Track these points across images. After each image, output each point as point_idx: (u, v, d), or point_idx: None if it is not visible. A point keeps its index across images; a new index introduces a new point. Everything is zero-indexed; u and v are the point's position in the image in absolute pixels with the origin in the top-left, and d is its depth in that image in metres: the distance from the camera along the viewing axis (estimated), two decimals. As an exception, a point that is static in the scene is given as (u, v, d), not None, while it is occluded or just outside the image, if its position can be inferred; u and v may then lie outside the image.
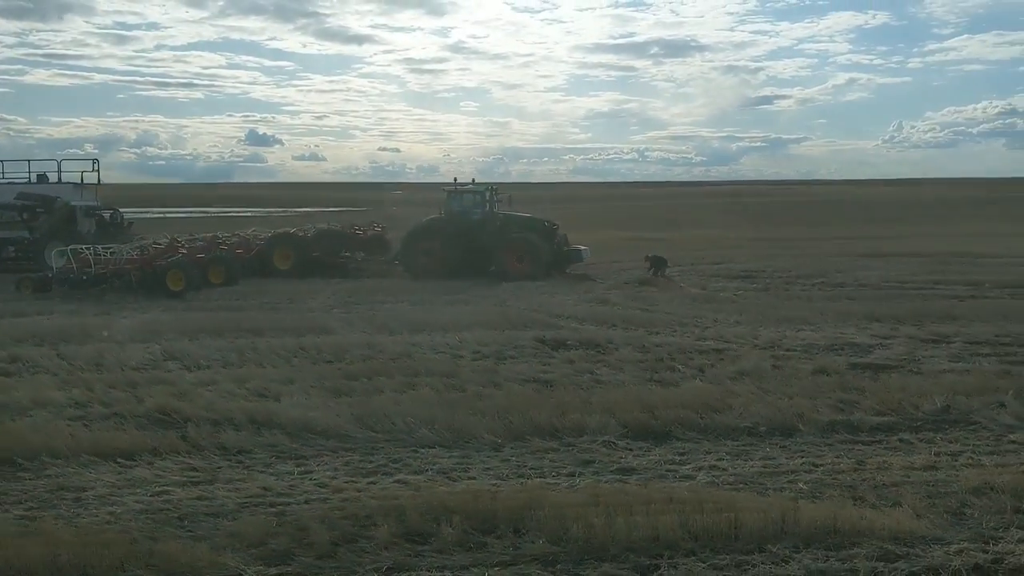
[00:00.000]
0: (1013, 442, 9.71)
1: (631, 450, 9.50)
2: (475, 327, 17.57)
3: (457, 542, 6.93)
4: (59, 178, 33.35)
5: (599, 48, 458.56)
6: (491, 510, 7.35)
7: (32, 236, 31.40)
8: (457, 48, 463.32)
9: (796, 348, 15.12)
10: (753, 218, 64.41)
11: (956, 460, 9.06)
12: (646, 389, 12.03)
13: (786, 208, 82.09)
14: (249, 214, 78.01)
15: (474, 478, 8.72)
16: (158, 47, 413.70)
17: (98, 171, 33.88)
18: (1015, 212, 65.02)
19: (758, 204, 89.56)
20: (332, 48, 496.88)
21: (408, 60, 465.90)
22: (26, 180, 33.24)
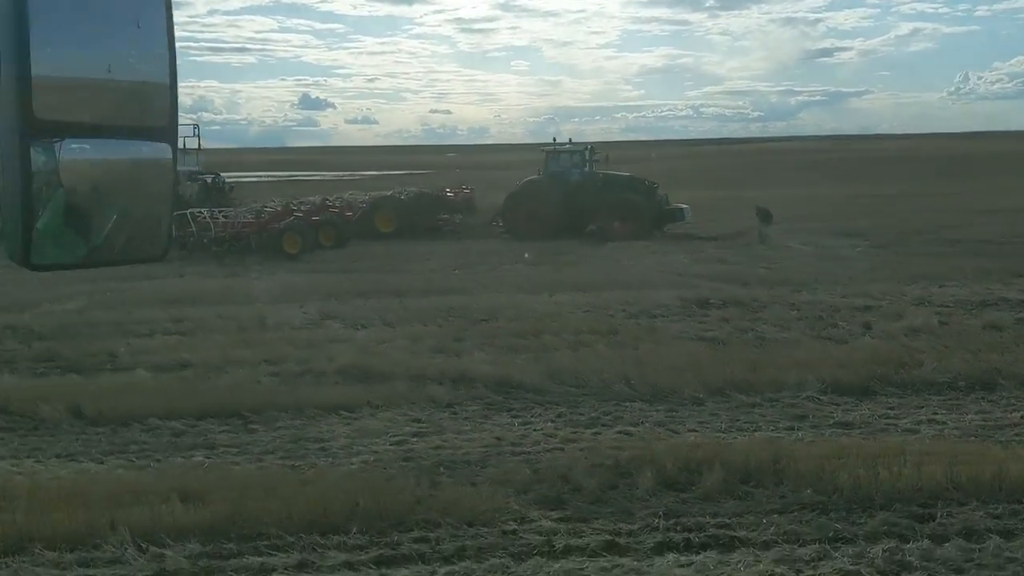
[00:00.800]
0: None
1: (838, 405, 9.65)
2: (607, 287, 17.76)
3: (721, 490, 7.17)
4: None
5: (653, 2, 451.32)
6: (742, 461, 7.58)
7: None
8: (507, 6, 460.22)
9: (949, 304, 15.06)
10: (832, 175, 63.26)
11: None
12: (820, 346, 12.14)
13: (858, 164, 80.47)
14: (316, 178, 78.87)
15: (695, 430, 8.97)
16: (211, 12, 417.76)
17: (199, 136, 34.60)
18: None
19: (826, 160, 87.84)
20: (382, 9, 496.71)
21: (458, 20, 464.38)
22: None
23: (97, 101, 1.09)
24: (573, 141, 31.19)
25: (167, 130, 1.17)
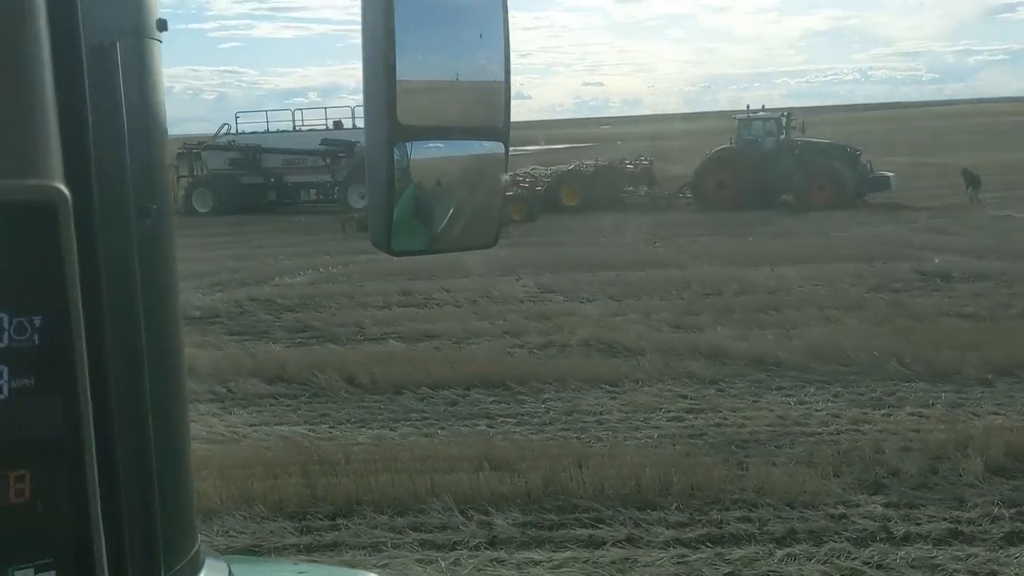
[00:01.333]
0: None
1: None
2: (828, 259, 17.13)
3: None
4: (352, 124, 35.32)
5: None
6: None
7: (334, 179, 33.60)
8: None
9: None
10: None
11: None
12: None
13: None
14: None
15: (996, 413, 8.46)
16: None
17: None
18: None
19: (1014, 124, 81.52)
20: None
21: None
22: (323, 127, 35.50)
23: (446, 106, 1.23)
24: (765, 108, 30.15)
25: (501, 130, 1.27)
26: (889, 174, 27.76)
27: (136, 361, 0.95)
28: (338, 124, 35.52)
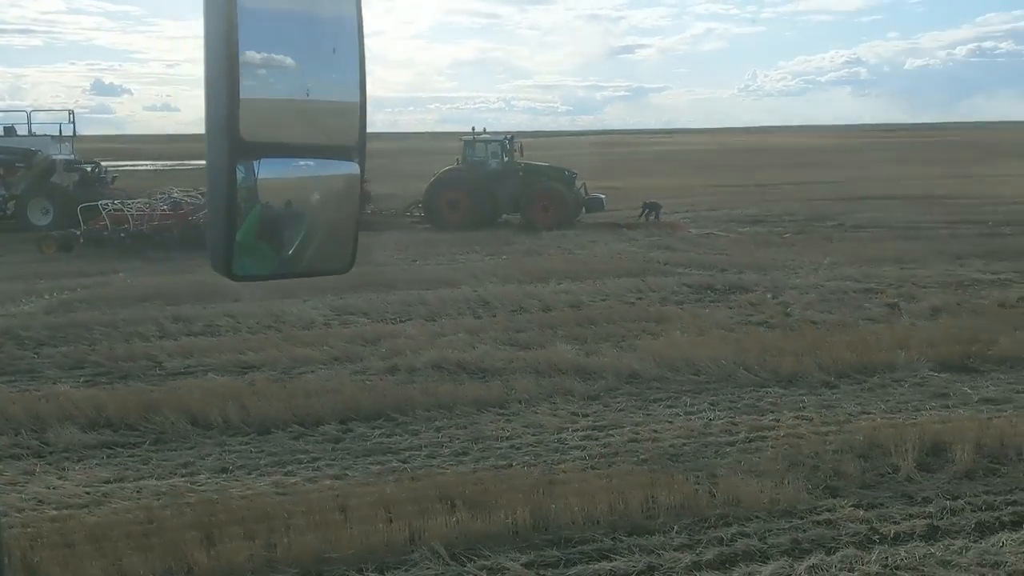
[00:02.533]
0: None
1: (958, 382, 10.22)
2: (597, 276, 17.92)
3: (975, 470, 7.50)
4: (28, 130, 31.04)
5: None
6: (956, 439, 7.92)
7: (8, 193, 29.27)
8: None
9: (932, 285, 16.21)
10: (682, 167, 66.02)
11: None
12: (875, 328, 12.84)
13: (686, 156, 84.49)
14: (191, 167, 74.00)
15: (867, 412, 9.29)
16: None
17: (74, 123, 31.78)
18: (901, 157, 68.80)
19: (644, 154, 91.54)
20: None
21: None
22: (-6, 133, 30.81)
23: (295, 123, 1.18)
24: (487, 130, 31.01)
25: (355, 149, 1.22)
26: (602, 195, 29.74)
27: None
28: (10, 130, 31.00)
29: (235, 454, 8.42)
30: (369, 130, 1.22)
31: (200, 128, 1.16)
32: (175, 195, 25.54)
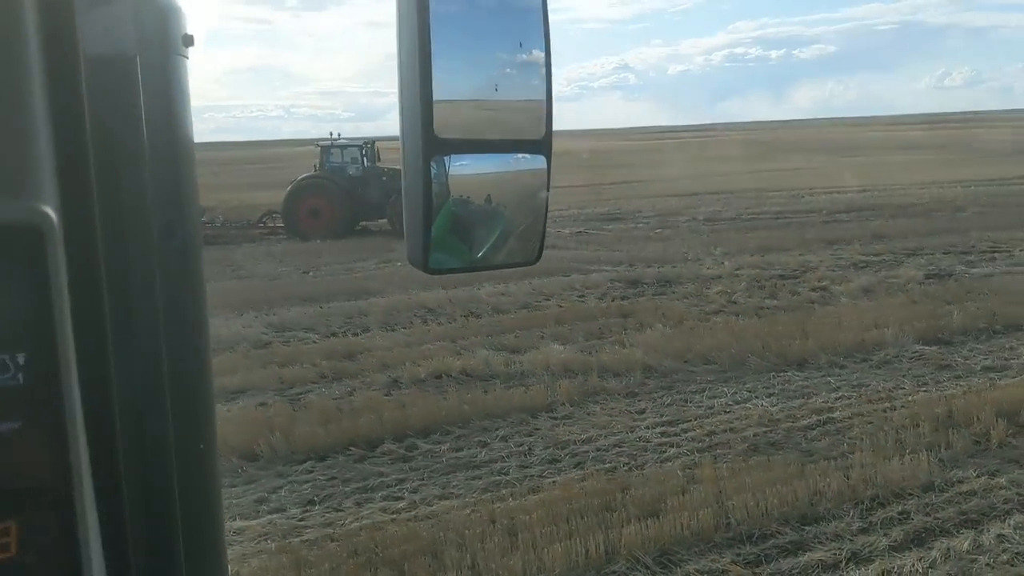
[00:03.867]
0: None
1: (948, 354, 10.96)
2: (522, 275, 17.58)
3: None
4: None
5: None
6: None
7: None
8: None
9: (835, 268, 17.32)
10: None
11: None
12: (834, 311, 13.51)
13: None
14: None
15: (898, 387, 9.72)
16: None
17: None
18: (675, 158, 73.04)
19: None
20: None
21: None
22: None
23: (485, 118, 1.21)
24: (342, 136, 30.00)
25: (543, 143, 1.24)
26: (467, 199, 29.56)
27: (158, 395, 0.86)
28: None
29: (307, 484, 7.59)
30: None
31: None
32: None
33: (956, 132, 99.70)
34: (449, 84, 1.11)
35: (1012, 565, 5.79)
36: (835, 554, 6.00)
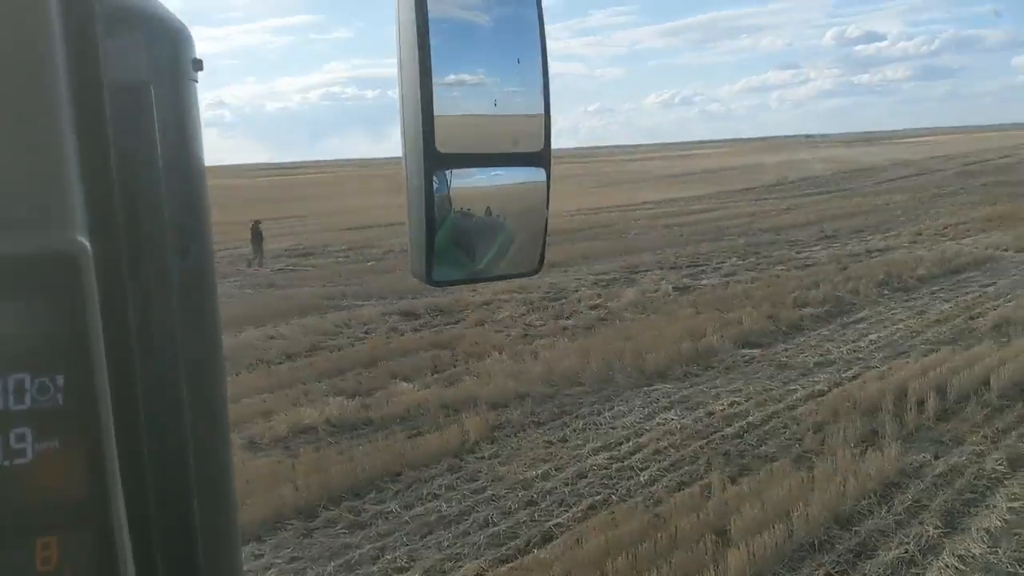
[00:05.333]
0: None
1: (761, 356, 11.91)
2: (283, 315, 16.29)
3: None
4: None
5: None
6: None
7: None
8: None
9: (590, 285, 18.15)
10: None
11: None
12: (622, 328, 14.07)
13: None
14: None
15: (768, 388, 10.32)
16: None
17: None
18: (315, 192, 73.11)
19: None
20: None
21: None
22: None
23: (484, 133, 1.25)
24: None
25: (542, 156, 1.28)
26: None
27: (176, 413, 0.91)
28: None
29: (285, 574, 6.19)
30: None
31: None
32: None
33: (587, 165, 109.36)
34: (449, 100, 1.13)
35: None
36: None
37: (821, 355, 11.77)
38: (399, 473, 8.08)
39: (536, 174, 1.27)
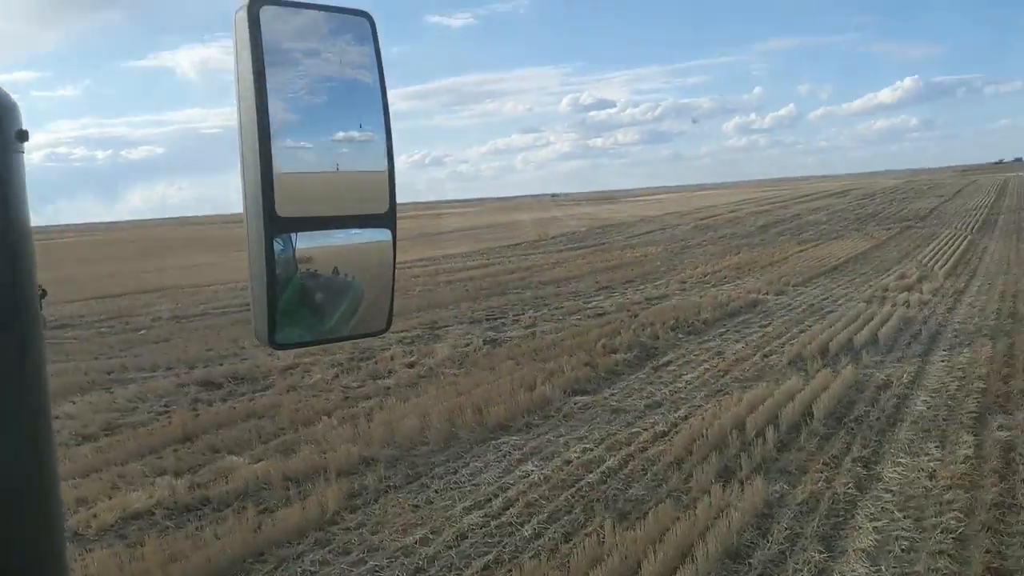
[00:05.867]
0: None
1: (592, 402, 12.16)
2: (72, 391, 14.61)
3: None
4: None
5: None
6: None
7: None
8: None
9: (395, 343, 17.79)
10: None
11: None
12: (474, 376, 13.89)
13: None
14: None
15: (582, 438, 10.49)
16: None
17: None
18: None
19: None
20: None
21: None
22: None
23: (328, 197, 1.25)
24: None
25: (387, 217, 1.29)
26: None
27: (4, 495, 0.88)
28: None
29: None
30: None
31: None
32: None
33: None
34: (292, 164, 1.15)
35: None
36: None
37: (647, 397, 12.18)
38: (262, 553, 7.36)
39: (382, 234, 1.29)
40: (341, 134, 1.25)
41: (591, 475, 8.95)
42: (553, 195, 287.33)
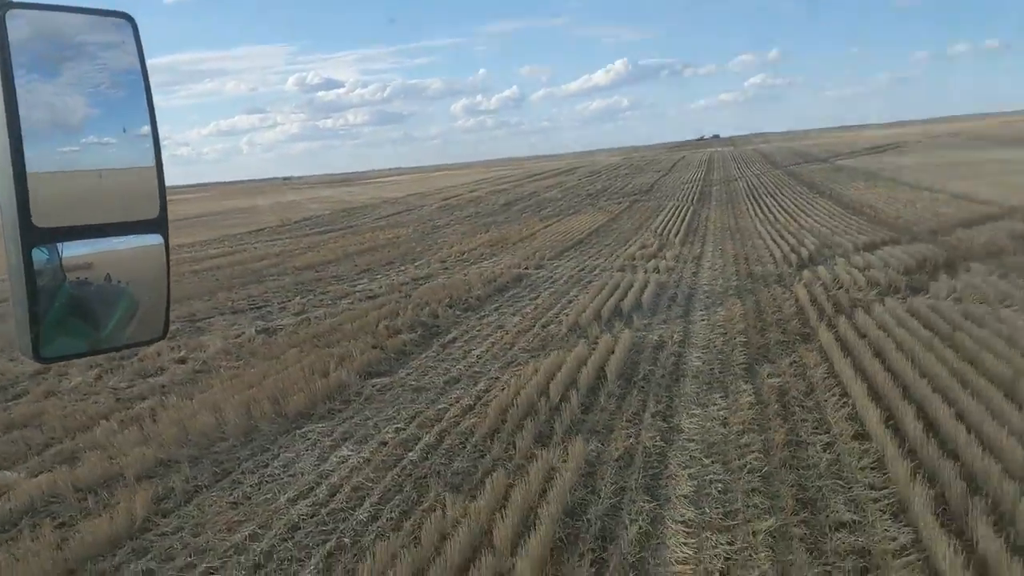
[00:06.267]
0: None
1: (389, 383, 12.10)
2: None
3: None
4: None
5: None
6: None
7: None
8: None
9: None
10: None
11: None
12: (259, 368, 13.24)
13: None
14: None
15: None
16: None
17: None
18: None
19: None
20: None
21: None
22: None
23: (90, 206, 1.20)
24: None
25: (158, 222, 1.27)
26: None
27: None
28: None
29: None
30: None
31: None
32: None
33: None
34: (50, 173, 1.10)
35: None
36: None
37: (444, 373, 12.28)
38: (72, 571, 6.69)
39: (154, 239, 1.26)
40: (105, 138, 1.18)
41: (412, 453, 8.92)
42: (286, 178, 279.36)
